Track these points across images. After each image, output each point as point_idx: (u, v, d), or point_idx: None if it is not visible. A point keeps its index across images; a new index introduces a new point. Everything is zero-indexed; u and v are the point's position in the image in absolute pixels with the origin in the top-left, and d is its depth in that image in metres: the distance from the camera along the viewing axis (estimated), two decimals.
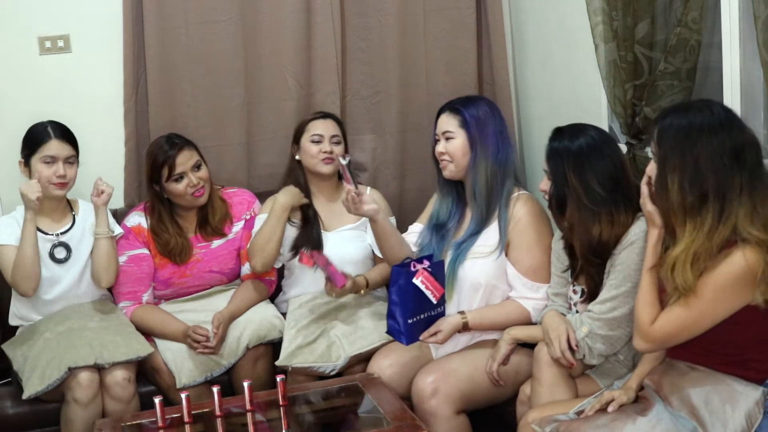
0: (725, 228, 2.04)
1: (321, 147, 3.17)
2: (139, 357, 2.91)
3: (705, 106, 2.14)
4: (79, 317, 3.00)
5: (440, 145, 2.84)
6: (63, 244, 3.04)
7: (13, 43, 3.42)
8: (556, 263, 2.70)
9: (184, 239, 3.18)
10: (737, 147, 2.05)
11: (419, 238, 2.95)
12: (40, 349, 2.88)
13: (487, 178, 2.77)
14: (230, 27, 3.55)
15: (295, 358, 2.91)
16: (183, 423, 2.46)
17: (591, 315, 2.46)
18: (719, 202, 2.04)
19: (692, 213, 2.06)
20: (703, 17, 2.77)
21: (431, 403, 2.64)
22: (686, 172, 2.06)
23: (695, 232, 2.05)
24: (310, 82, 3.66)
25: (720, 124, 2.07)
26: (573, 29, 3.28)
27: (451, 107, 2.86)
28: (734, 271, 2.01)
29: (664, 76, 2.84)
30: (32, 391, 2.78)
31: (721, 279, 2.03)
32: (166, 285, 3.21)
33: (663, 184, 2.10)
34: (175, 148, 3.11)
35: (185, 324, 3.02)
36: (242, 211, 3.29)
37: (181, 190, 3.11)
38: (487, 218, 2.80)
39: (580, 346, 2.47)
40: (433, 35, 3.75)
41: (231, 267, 3.27)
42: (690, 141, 2.06)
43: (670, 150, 2.09)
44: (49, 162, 2.96)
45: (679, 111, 2.15)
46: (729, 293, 2.04)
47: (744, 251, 2.01)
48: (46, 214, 3.04)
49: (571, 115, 2.98)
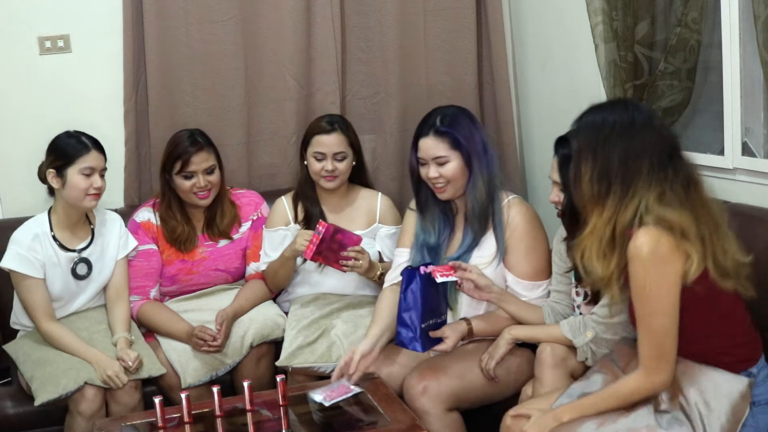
0: (625, 213, 2.08)
1: (323, 165, 3.11)
2: (150, 377, 2.91)
3: (623, 105, 2.20)
4: (89, 322, 3.00)
5: (431, 170, 2.73)
6: (84, 260, 3.00)
7: (13, 43, 3.42)
8: (558, 262, 2.70)
9: (191, 228, 3.20)
10: (648, 142, 2.09)
11: (411, 263, 2.85)
12: (54, 356, 2.86)
13: (484, 192, 2.74)
14: (230, 27, 3.54)
15: (296, 358, 2.91)
16: (183, 423, 2.46)
17: (595, 319, 2.46)
18: (623, 189, 2.08)
19: (599, 202, 2.11)
20: (703, 17, 2.77)
21: (421, 401, 2.63)
22: (597, 164, 2.11)
23: (599, 219, 2.11)
24: (310, 82, 3.66)
25: (632, 121, 2.11)
26: (573, 29, 3.28)
27: (433, 130, 2.72)
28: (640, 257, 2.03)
29: (664, 76, 2.84)
30: (44, 399, 2.76)
31: (638, 274, 2.05)
32: (172, 281, 3.21)
33: (576, 175, 2.15)
34: (194, 146, 3.11)
35: (190, 324, 3.02)
36: (250, 212, 3.30)
37: (187, 187, 3.12)
38: (482, 231, 2.78)
39: (582, 351, 2.47)
40: (433, 35, 3.75)
41: (237, 266, 3.28)
42: (602, 136, 2.11)
43: (584, 143, 2.15)
44: (88, 174, 2.90)
45: (597, 109, 2.22)
46: (654, 281, 2.04)
47: (637, 236, 2.04)
48: (69, 229, 2.99)
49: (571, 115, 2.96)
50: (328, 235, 2.88)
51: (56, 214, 2.97)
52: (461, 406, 2.71)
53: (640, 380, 2.13)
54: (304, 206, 3.20)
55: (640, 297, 2.08)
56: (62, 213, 2.96)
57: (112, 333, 2.99)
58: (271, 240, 3.20)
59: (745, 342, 2.18)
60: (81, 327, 2.97)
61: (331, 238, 2.89)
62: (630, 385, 2.15)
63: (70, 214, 2.97)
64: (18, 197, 3.42)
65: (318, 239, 2.88)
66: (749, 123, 2.71)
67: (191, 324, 3.02)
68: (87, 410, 2.78)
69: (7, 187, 3.47)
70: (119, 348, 2.90)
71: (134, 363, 2.84)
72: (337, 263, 2.95)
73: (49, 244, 2.94)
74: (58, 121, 3.09)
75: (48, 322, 2.91)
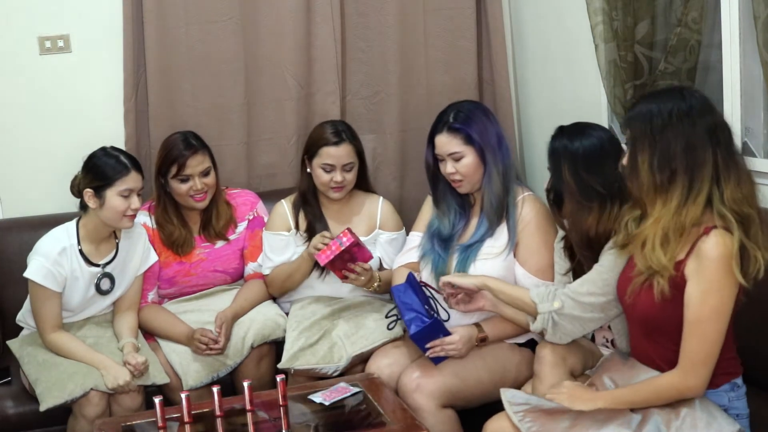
0: (695, 206, 2.05)
1: (332, 176, 3.08)
2: (154, 384, 2.90)
3: (677, 91, 2.16)
4: (96, 328, 3.00)
5: (447, 165, 2.80)
6: (108, 275, 2.98)
7: (13, 43, 3.42)
8: (559, 262, 2.70)
9: (188, 231, 3.19)
10: (708, 128, 2.06)
11: (420, 249, 2.94)
12: (60, 359, 2.86)
13: (500, 185, 2.78)
14: (230, 27, 3.54)
15: (297, 360, 2.90)
16: (183, 423, 2.46)
17: (567, 293, 2.44)
18: (688, 179, 2.05)
19: (662, 191, 2.08)
20: (703, 17, 2.77)
21: (414, 397, 2.65)
22: (655, 152, 2.07)
23: (663, 208, 2.07)
24: (310, 82, 3.66)
25: (690, 107, 2.08)
26: (573, 29, 3.28)
27: (447, 127, 2.79)
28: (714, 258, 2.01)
29: (664, 76, 2.84)
30: (50, 404, 2.76)
31: (706, 276, 2.02)
32: (171, 283, 3.21)
33: (633, 165, 2.12)
34: (189, 149, 3.09)
35: (190, 327, 3.02)
36: (245, 212, 3.29)
37: (184, 190, 3.11)
38: (497, 222, 2.80)
39: (542, 318, 2.46)
40: (433, 35, 3.75)
41: (235, 267, 3.27)
42: (659, 122, 2.08)
43: (639, 132, 2.11)
44: (126, 195, 2.85)
45: (651, 97, 2.18)
46: (722, 285, 2.02)
47: (713, 236, 2.01)
48: (95, 243, 2.95)
49: (571, 115, 2.97)
50: (350, 247, 2.89)
51: (85, 229, 2.93)
52: (456, 404, 2.72)
53: (675, 379, 2.11)
54: (306, 215, 3.18)
55: (701, 298, 2.04)
56: (92, 228, 2.92)
57: (118, 339, 2.98)
58: (272, 244, 3.20)
59: (731, 355, 2.18)
60: (87, 334, 2.96)
61: (348, 249, 2.90)
62: (664, 381, 2.13)
63: (101, 231, 2.94)
64: (18, 197, 3.42)
65: (339, 249, 2.87)
66: (749, 123, 2.71)
67: (191, 326, 3.02)
68: (91, 414, 2.78)
69: (7, 187, 3.47)
70: (126, 352, 2.89)
71: (141, 367, 2.82)
72: (341, 272, 2.96)
73: (75, 258, 2.91)
74: (58, 122, 3.10)
75: (53, 333, 2.89)
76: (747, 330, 2.24)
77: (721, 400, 2.17)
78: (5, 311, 3.19)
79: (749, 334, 2.28)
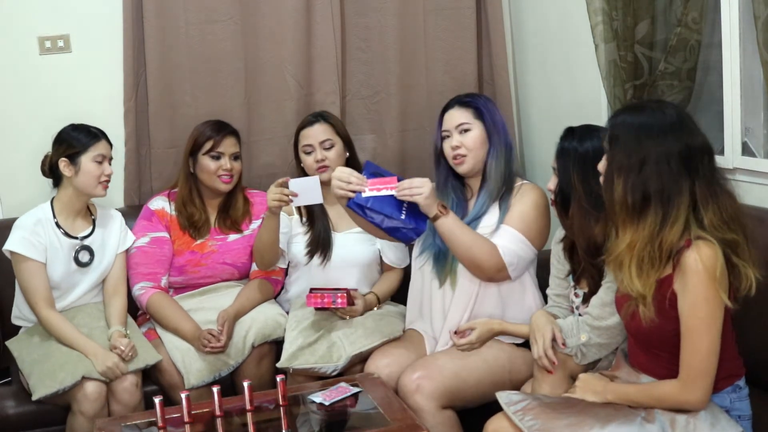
0: (672, 233, 2.02)
1: (314, 156, 3.15)
2: (147, 366, 2.94)
3: (658, 107, 2.13)
4: (89, 318, 3.01)
5: (454, 139, 2.83)
6: (86, 247, 3.05)
7: (13, 43, 3.41)
8: (556, 265, 2.70)
9: (207, 217, 3.26)
10: (686, 151, 2.04)
11: (420, 246, 2.94)
12: (51, 351, 2.88)
13: (503, 168, 2.81)
14: (230, 27, 3.54)
15: (296, 359, 2.91)
16: (183, 423, 2.46)
17: (589, 322, 2.46)
18: (663, 207, 2.03)
19: (633, 214, 2.06)
20: (703, 17, 2.77)
21: (415, 398, 2.65)
22: (631, 173, 2.05)
23: (636, 234, 2.05)
24: (310, 82, 3.66)
25: (670, 126, 2.06)
26: (573, 29, 3.28)
27: (458, 101, 2.89)
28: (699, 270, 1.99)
29: (664, 76, 2.84)
30: (42, 394, 2.78)
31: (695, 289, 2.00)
32: (180, 272, 3.22)
33: (609, 181, 2.11)
34: (225, 130, 3.23)
35: (198, 326, 3.03)
36: (261, 211, 3.30)
37: (213, 168, 3.18)
38: (495, 199, 2.83)
39: (573, 352, 2.47)
40: (433, 35, 3.75)
41: (244, 262, 3.29)
42: (638, 142, 2.06)
43: (618, 149, 2.10)
44: (100, 161, 3.00)
45: (632, 110, 2.16)
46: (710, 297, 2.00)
47: (696, 248, 1.99)
48: (71, 217, 3.05)
49: (571, 115, 2.98)
50: (342, 305, 2.94)
51: (60, 203, 3.03)
52: (456, 405, 2.72)
53: (674, 390, 2.09)
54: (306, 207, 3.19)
55: (691, 312, 2.02)
56: (66, 201, 3.02)
57: (108, 327, 3.01)
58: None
59: (732, 356, 2.17)
60: (81, 323, 2.98)
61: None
62: (664, 388, 2.11)
63: (75, 202, 3.03)
64: (18, 197, 3.42)
65: (329, 305, 2.93)
66: (749, 123, 2.71)
67: (200, 325, 3.03)
68: (89, 410, 2.79)
69: (7, 187, 3.47)
70: (113, 339, 2.93)
71: (127, 349, 2.87)
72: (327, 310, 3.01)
73: (52, 229, 2.99)
74: (58, 121, 3.09)
75: (47, 309, 2.94)
76: (749, 331, 2.24)
77: (723, 402, 2.16)
78: (5, 311, 3.19)
79: (751, 335, 2.28)
